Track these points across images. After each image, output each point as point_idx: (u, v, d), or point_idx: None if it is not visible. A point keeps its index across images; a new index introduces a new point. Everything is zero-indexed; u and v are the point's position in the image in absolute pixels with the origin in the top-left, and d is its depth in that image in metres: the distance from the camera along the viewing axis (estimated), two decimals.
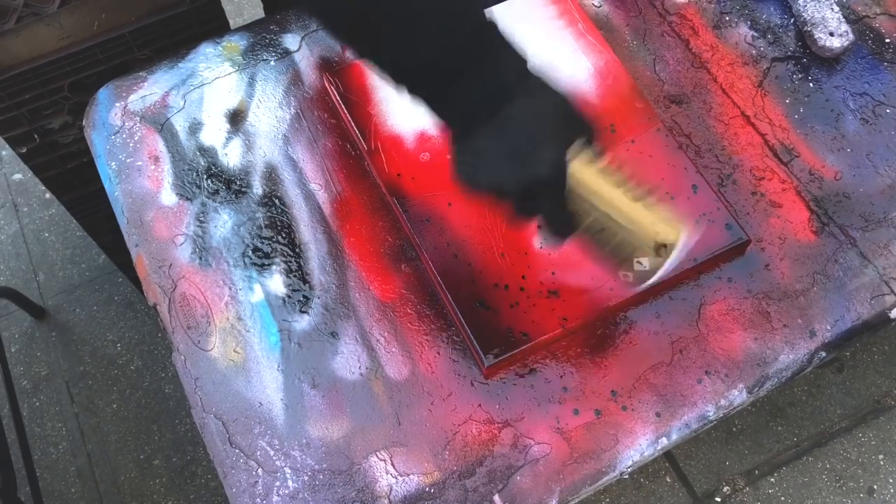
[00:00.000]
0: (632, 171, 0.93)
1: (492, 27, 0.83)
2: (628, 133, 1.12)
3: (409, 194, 1.08)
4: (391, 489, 0.93)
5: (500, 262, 1.04)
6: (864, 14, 1.26)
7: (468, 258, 1.04)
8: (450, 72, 0.81)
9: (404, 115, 1.14)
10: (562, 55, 1.19)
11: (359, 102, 1.15)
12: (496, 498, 0.93)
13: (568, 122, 0.87)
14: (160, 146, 1.15)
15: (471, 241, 1.05)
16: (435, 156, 1.11)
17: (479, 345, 0.98)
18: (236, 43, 1.23)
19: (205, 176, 1.13)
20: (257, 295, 1.04)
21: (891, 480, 1.82)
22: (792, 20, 1.25)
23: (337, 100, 1.16)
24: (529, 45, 1.20)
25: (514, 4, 1.23)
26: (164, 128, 1.16)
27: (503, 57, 0.85)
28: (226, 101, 1.18)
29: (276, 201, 1.11)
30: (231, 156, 1.14)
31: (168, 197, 1.11)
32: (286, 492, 0.93)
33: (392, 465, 0.95)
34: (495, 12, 1.22)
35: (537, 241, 1.05)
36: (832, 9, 1.21)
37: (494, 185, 0.85)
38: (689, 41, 1.24)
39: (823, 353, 1.02)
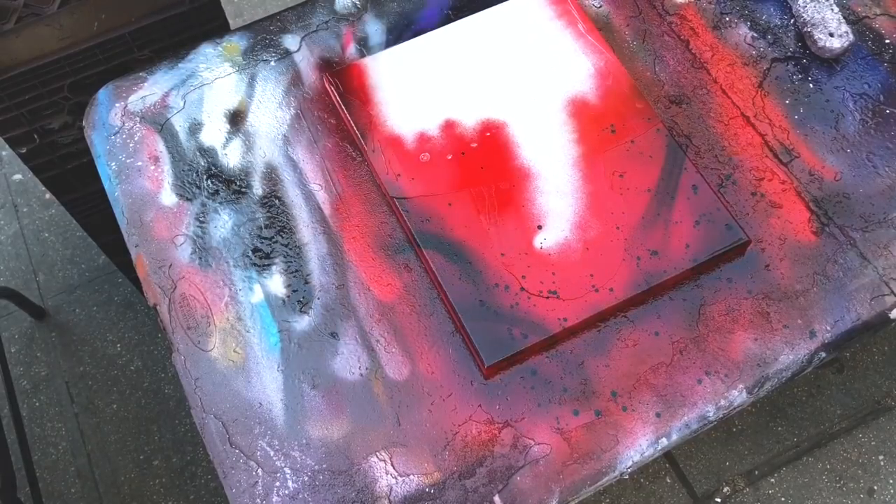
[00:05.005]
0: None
1: None
2: (628, 134, 1.12)
3: (409, 195, 1.08)
4: (391, 489, 0.93)
5: (500, 262, 1.04)
6: (863, 15, 1.26)
7: (468, 258, 1.04)
8: None
9: (404, 115, 1.14)
10: (562, 56, 1.19)
11: (359, 103, 1.15)
12: (496, 498, 0.93)
13: None
14: (160, 146, 1.15)
15: (471, 240, 1.05)
16: (435, 156, 1.11)
17: (478, 345, 0.98)
18: (236, 43, 1.23)
19: (205, 176, 1.13)
20: (257, 295, 1.04)
21: (891, 481, 1.81)
22: (792, 21, 1.25)
23: (337, 100, 1.16)
24: (529, 46, 1.20)
25: (513, 5, 1.23)
26: (164, 128, 1.16)
27: None
28: (226, 102, 1.18)
29: (277, 202, 1.11)
30: (231, 156, 1.14)
31: (168, 197, 1.11)
32: (286, 492, 0.93)
33: (392, 465, 0.95)
34: (494, 14, 1.22)
35: (537, 241, 1.05)
36: (832, 9, 1.21)
37: None
38: (689, 42, 1.24)
39: (823, 354, 1.02)
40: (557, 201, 1.08)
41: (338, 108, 1.16)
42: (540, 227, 1.06)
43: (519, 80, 1.17)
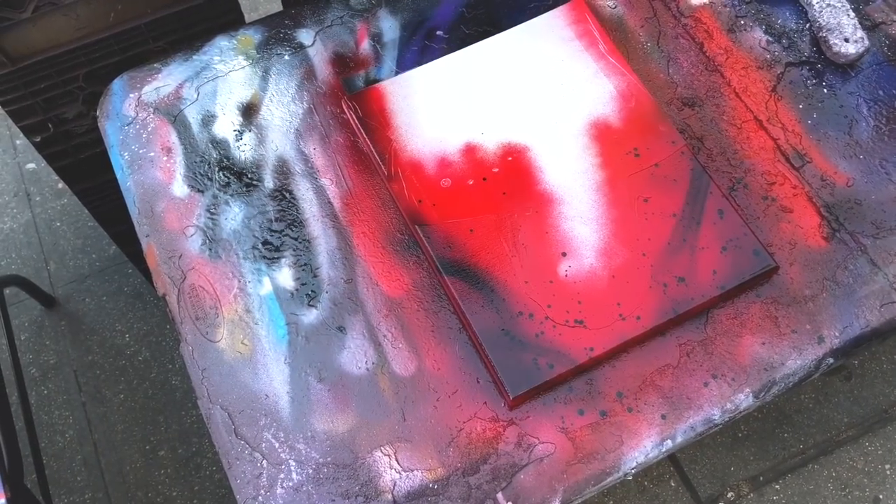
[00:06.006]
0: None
1: None
2: (652, 157, 1.11)
3: (430, 221, 1.07)
4: (395, 484, 0.93)
5: (525, 290, 1.02)
6: (880, 20, 1.25)
7: (491, 285, 1.02)
8: None
9: (425, 140, 1.13)
10: (583, 78, 1.18)
11: (378, 127, 1.14)
12: (499, 496, 0.93)
13: None
14: (173, 138, 1.15)
15: (493, 268, 1.03)
16: (456, 182, 1.10)
17: (503, 376, 0.97)
18: (251, 36, 1.24)
19: (216, 168, 1.13)
20: (266, 288, 1.05)
21: None
22: (807, 25, 1.25)
23: (356, 124, 1.15)
24: (550, 67, 1.19)
25: (534, 25, 1.22)
26: (177, 119, 1.17)
27: None
28: (239, 95, 1.19)
29: (287, 195, 1.11)
30: (243, 149, 1.15)
31: (180, 188, 1.12)
32: (290, 484, 0.93)
33: (396, 460, 0.95)
34: (514, 35, 1.21)
35: (562, 269, 1.04)
36: (848, 14, 1.21)
37: None
38: (703, 44, 1.24)
39: (831, 360, 1.02)
40: (582, 227, 1.06)
41: (357, 131, 1.15)
42: (564, 255, 1.04)
43: (540, 103, 1.16)
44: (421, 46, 1.23)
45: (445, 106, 1.15)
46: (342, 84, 1.19)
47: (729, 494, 1.82)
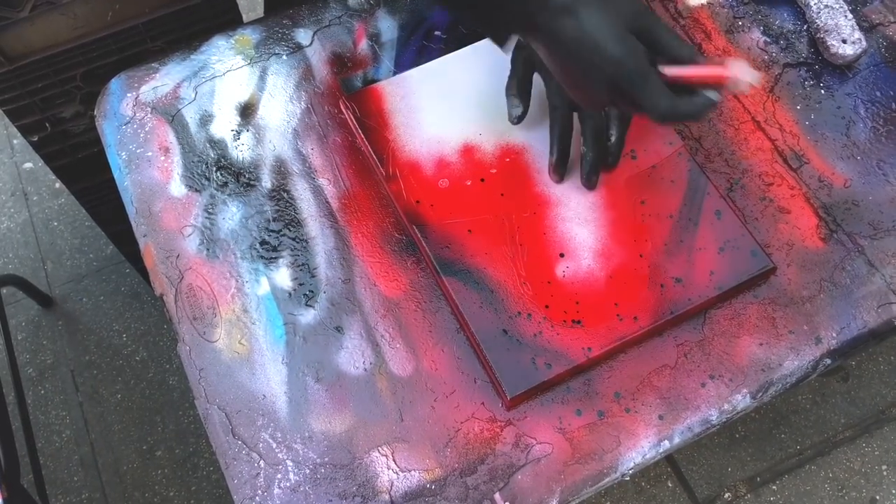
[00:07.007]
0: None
1: None
2: (649, 159, 1.10)
3: (428, 221, 1.07)
4: (392, 484, 0.93)
5: (523, 291, 1.01)
6: (878, 22, 1.26)
7: (490, 286, 1.02)
8: None
9: (423, 140, 1.12)
10: None
11: (376, 127, 1.13)
12: (497, 496, 0.93)
13: None
14: (170, 137, 1.15)
15: (491, 268, 1.03)
16: (454, 182, 1.09)
17: (501, 377, 0.96)
18: (249, 36, 1.24)
19: (214, 168, 1.13)
20: (264, 287, 1.05)
21: (893, 491, 1.81)
22: (805, 26, 1.25)
23: (354, 125, 1.14)
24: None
25: None
26: (174, 119, 1.17)
27: None
28: (237, 94, 1.19)
29: (285, 195, 1.11)
30: (241, 149, 1.15)
31: (177, 188, 1.12)
32: (287, 484, 0.93)
33: (394, 460, 0.95)
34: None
35: (560, 269, 1.04)
36: (846, 16, 1.21)
37: None
38: (701, 45, 1.24)
39: (829, 361, 1.02)
40: (579, 229, 1.06)
41: (355, 131, 1.15)
42: (562, 256, 1.04)
43: (538, 104, 1.14)
44: (419, 46, 1.23)
45: (443, 106, 1.15)
46: (340, 84, 1.20)
47: (726, 495, 1.82)
